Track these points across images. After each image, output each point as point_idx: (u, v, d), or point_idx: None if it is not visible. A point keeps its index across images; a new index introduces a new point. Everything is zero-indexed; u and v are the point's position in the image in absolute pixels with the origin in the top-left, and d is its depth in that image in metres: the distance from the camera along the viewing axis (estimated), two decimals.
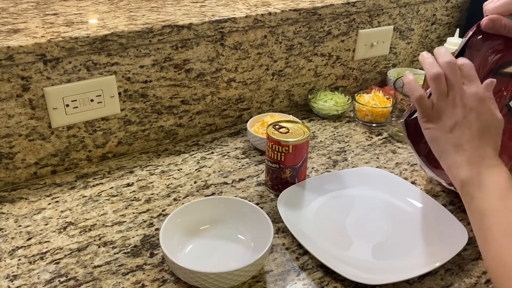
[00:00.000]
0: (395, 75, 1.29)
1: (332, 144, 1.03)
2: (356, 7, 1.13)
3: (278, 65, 1.10)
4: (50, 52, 0.80)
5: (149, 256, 0.72)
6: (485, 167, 0.61)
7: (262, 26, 1.02)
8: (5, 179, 0.87)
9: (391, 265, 0.69)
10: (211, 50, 0.98)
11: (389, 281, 0.66)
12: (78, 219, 0.80)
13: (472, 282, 0.68)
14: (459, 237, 0.72)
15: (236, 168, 0.94)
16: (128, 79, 0.91)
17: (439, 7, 1.33)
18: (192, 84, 1.00)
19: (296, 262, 0.71)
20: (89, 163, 0.95)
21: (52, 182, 0.89)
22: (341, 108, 1.13)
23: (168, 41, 0.92)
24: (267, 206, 0.83)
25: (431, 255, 0.71)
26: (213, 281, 0.62)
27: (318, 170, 0.94)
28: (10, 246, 0.73)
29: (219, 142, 1.04)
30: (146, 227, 0.78)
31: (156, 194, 0.86)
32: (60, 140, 0.89)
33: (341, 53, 1.19)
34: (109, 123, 0.93)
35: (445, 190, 0.88)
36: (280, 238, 0.76)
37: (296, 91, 1.17)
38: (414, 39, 1.33)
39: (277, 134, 0.82)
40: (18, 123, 0.84)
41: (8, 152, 0.85)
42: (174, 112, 1.00)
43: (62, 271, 0.69)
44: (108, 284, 0.67)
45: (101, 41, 0.84)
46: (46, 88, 0.83)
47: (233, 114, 1.10)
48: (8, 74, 0.79)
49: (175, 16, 0.96)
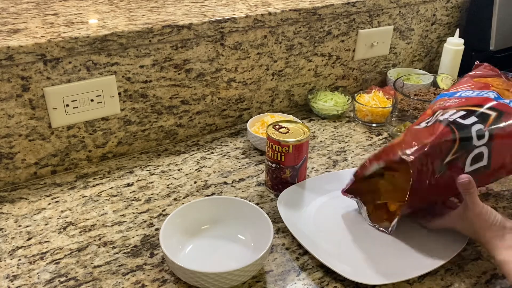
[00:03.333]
0: (395, 75, 1.29)
1: (332, 144, 1.03)
2: (356, 7, 1.13)
3: (278, 65, 1.10)
4: (50, 52, 0.80)
5: (149, 256, 0.72)
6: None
7: (262, 26, 1.02)
8: (5, 179, 0.87)
9: (391, 265, 0.69)
10: (211, 50, 0.98)
11: (389, 281, 0.66)
12: (78, 219, 0.80)
13: (472, 282, 0.68)
14: (459, 237, 0.72)
15: (236, 168, 0.94)
16: (128, 79, 0.91)
17: (439, 7, 1.33)
18: (192, 84, 1.00)
19: (296, 262, 0.71)
20: (89, 163, 0.95)
21: (52, 182, 0.89)
22: (341, 108, 1.13)
23: (168, 41, 0.92)
24: (267, 206, 0.83)
25: (431, 255, 0.71)
26: (213, 281, 0.62)
27: (318, 170, 0.94)
28: (10, 246, 0.73)
29: (219, 142, 1.04)
30: (146, 227, 0.78)
31: (156, 194, 0.86)
32: (60, 140, 0.89)
33: (341, 53, 1.19)
34: (109, 123, 0.93)
35: None
36: (280, 238, 0.76)
37: (296, 91, 1.17)
38: (414, 39, 1.33)
39: (277, 134, 0.82)
40: (18, 123, 0.84)
41: (8, 152, 0.85)
42: (174, 112, 1.00)
43: (62, 271, 0.69)
44: (108, 284, 0.67)
45: (101, 41, 0.84)
46: (46, 88, 0.83)
47: (233, 114, 1.10)
48: (8, 74, 0.79)
49: (175, 16, 0.96)
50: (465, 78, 0.84)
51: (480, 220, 0.67)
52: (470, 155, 0.68)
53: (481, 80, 0.80)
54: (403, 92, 1.12)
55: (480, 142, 0.68)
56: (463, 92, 0.77)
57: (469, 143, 0.68)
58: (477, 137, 0.68)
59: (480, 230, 0.67)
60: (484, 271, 0.70)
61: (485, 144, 0.68)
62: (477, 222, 0.67)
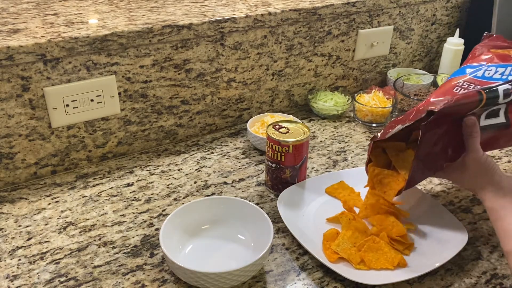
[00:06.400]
0: (395, 75, 1.29)
1: (332, 144, 1.03)
2: (356, 7, 1.13)
3: (278, 65, 1.10)
4: (50, 52, 0.80)
5: (149, 256, 0.72)
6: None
7: (262, 26, 1.02)
8: (5, 179, 0.87)
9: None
10: (211, 50, 0.98)
11: (389, 281, 0.66)
12: (78, 219, 0.80)
13: (472, 282, 0.68)
14: (459, 237, 0.72)
15: (236, 168, 0.94)
16: (128, 79, 0.91)
17: (439, 7, 1.33)
18: (192, 84, 1.00)
19: (296, 262, 0.71)
20: (89, 163, 0.95)
21: (52, 182, 0.89)
22: (341, 108, 1.13)
23: (168, 41, 0.92)
24: (267, 206, 0.83)
25: (431, 255, 0.71)
26: (213, 281, 0.62)
27: (318, 170, 0.94)
28: (10, 246, 0.73)
29: (219, 142, 1.04)
30: (146, 227, 0.78)
31: (156, 194, 0.86)
32: (60, 140, 0.89)
33: (341, 53, 1.19)
34: (109, 123, 0.93)
35: (445, 190, 0.88)
36: (280, 238, 0.76)
37: (296, 91, 1.17)
38: (414, 39, 1.33)
39: (277, 134, 0.82)
40: (18, 123, 0.84)
41: (8, 152, 0.85)
42: (174, 112, 1.00)
43: (62, 271, 0.69)
44: (108, 284, 0.67)
45: (101, 41, 0.84)
46: (46, 88, 0.83)
47: (233, 114, 1.10)
48: (8, 74, 0.79)
49: (175, 16, 0.96)
50: (479, 49, 0.82)
51: (477, 166, 0.69)
52: (487, 110, 0.69)
53: (498, 51, 0.79)
54: (403, 92, 1.12)
55: (505, 101, 0.69)
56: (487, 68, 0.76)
57: (495, 101, 0.69)
58: (504, 96, 0.69)
59: (476, 177, 0.69)
60: (484, 271, 0.70)
61: (506, 102, 0.69)
62: (474, 168, 0.69)
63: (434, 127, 0.68)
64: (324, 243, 0.71)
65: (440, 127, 0.68)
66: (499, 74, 0.74)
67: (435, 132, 0.68)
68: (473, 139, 0.69)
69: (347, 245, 0.70)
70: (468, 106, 0.68)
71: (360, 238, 0.71)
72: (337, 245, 0.70)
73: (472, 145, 0.69)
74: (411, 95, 1.13)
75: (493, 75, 0.74)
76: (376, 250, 0.69)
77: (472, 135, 0.69)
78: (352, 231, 0.72)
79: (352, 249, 0.70)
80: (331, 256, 0.69)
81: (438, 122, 0.67)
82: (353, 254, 0.69)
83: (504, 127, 0.72)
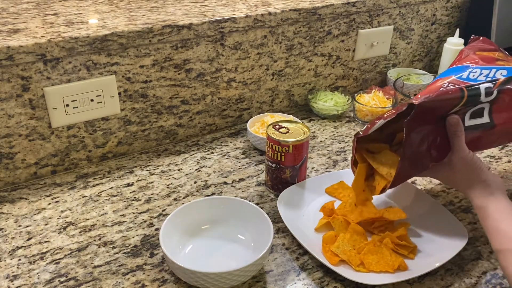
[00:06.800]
0: (395, 75, 1.29)
1: (332, 144, 1.03)
2: (356, 7, 1.13)
3: (278, 65, 1.10)
4: (50, 52, 0.80)
5: (149, 256, 0.72)
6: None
7: (262, 26, 1.02)
8: (5, 179, 0.87)
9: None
10: (211, 50, 0.98)
11: (389, 281, 0.66)
12: (78, 219, 0.80)
13: (472, 282, 0.68)
14: (459, 237, 0.72)
15: (236, 168, 0.94)
16: (128, 79, 0.91)
17: (439, 7, 1.33)
18: (192, 84, 1.00)
19: (296, 262, 0.71)
20: (89, 163, 0.95)
21: (52, 182, 0.89)
22: (341, 108, 1.13)
23: (168, 41, 0.92)
24: (267, 206, 0.83)
25: (431, 255, 0.71)
26: (213, 281, 0.62)
27: (318, 170, 0.94)
28: (10, 246, 0.73)
29: (219, 142, 1.04)
30: (146, 227, 0.78)
31: (156, 194, 0.86)
32: (60, 140, 0.89)
33: (341, 53, 1.19)
34: (109, 123, 0.93)
35: (445, 190, 0.88)
36: (280, 238, 0.76)
37: (296, 91, 1.17)
38: (414, 39, 1.33)
39: (277, 134, 0.82)
40: (18, 123, 0.84)
41: (8, 152, 0.85)
42: (174, 112, 1.00)
43: (62, 271, 0.69)
44: (108, 284, 0.67)
45: (101, 41, 0.84)
46: (46, 88, 0.83)
47: (233, 114, 1.10)
48: (8, 74, 0.79)
49: (175, 16, 0.96)
50: (466, 52, 0.83)
51: (463, 165, 0.69)
52: (471, 109, 0.69)
53: (483, 54, 0.80)
54: (403, 92, 1.12)
55: (487, 99, 0.69)
56: (472, 70, 0.77)
57: (476, 99, 0.69)
58: (485, 94, 0.69)
59: (463, 176, 0.69)
60: (484, 271, 0.70)
61: (489, 101, 0.70)
62: (460, 167, 0.69)
63: (417, 125, 0.67)
64: (323, 245, 0.71)
65: (423, 125, 0.68)
66: (483, 76, 0.75)
67: (419, 131, 0.68)
68: (458, 138, 0.68)
69: (346, 247, 0.70)
70: (449, 102, 0.68)
71: (359, 241, 0.71)
72: (336, 247, 0.70)
73: (457, 144, 0.69)
74: (411, 95, 1.13)
75: (478, 77, 0.75)
76: (376, 253, 0.69)
77: (456, 134, 0.69)
78: (350, 234, 0.72)
79: (352, 251, 0.69)
80: (332, 259, 0.69)
81: (421, 119, 0.67)
82: (352, 256, 0.69)
83: (489, 128, 0.72)
